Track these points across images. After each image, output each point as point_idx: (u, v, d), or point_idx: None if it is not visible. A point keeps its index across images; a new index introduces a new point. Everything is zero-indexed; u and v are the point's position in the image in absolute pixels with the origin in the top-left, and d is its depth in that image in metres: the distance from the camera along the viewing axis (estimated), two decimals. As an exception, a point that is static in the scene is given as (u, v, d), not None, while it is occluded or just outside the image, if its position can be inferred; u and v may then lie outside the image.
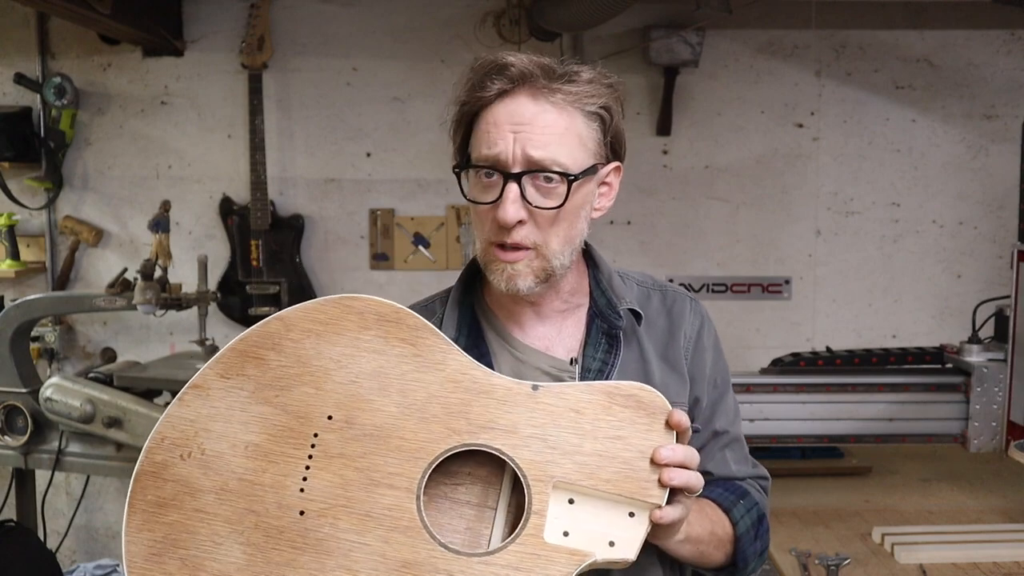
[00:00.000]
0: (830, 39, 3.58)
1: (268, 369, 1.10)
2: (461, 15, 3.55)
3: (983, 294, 3.01)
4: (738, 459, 1.43)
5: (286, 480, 1.06)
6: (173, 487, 1.06)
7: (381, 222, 3.64)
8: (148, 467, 1.07)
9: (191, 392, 1.10)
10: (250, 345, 1.11)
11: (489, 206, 1.24)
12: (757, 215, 3.65)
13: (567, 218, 1.25)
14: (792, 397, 2.66)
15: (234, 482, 1.05)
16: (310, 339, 1.11)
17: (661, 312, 1.40)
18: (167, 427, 1.08)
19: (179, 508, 1.05)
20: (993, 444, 2.61)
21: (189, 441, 1.07)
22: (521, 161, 1.21)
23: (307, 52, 3.58)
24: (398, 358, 1.11)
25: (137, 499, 1.06)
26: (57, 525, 3.48)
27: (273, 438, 1.07)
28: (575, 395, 1.12)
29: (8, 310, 2.97)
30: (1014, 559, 2.04)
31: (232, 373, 1.10)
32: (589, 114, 1.24)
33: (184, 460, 1.06)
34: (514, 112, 1.22)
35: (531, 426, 1.09)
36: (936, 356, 2.82)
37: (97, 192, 3.64)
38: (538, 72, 1.23)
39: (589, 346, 1.33)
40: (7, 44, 3.59)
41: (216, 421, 1.08)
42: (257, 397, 1.09)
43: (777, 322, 3.67)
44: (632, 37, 3.50)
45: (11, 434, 2.90)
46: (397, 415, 1.09)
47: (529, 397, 1.11)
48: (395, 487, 1.06)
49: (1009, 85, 3.59)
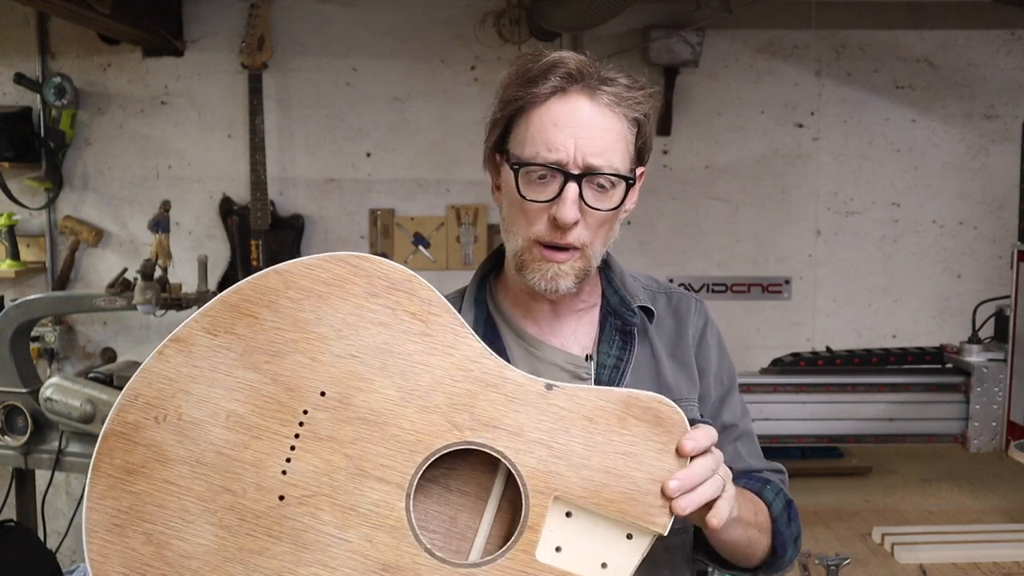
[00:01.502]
0: (830, 39, 3.58)
1: (261, 330, 0.99)
2: (461, 15, 3.55)
3: (983, 294, 3.01)
4: (751, 453, 1.43)
5: (268, 460, 0.97)
6: (144, 452, 0.95)
7: (381, 222, 3.64)
8: (118, 427, 0.96)
9: (172, 346, 0.99)
10: (243, 299, 1.00)
11: (543, 204, 1.23)
12: (757, 215, 3.65)
13: (612, 221, 1.29)
14: (792, 397, 2.66)
15: (211, 455, 0.96)
16: (310, 300, 1.00)
17: (668, 313, 1.42)
18: (142, 383, 0.98)
19: (148, 477, 0.95)
20: (993, 444, 2.61)
21: (166, 402, 0.97)
22: (582, 164, 1.22)
23: (307, 52, 3.58)
24: (405, 335, 1.01)
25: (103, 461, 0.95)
26: (57, 525, 3.48)
27: (258, 409, 0.97)
28: (590, 400, 1.02)
29: (8, 310, 2.97)
30: (1014, 559, 2.04)
31: (220, 330, 0.99)
32: (632, 119, 1.26)
33: (158, 424, 0.96)
34: (574, 112, 1.22)
35: (539, 430, 1.01)
36: (936, 356, 2.82)
37: (97, 192, 3.64)
38: (593, 71, 1.23)
39: (603, 343, 1.34)
40: (7, 44, 3.59)
41: (197, 383, 0.97)
42: (245, 361, 0.98)
43: (777, 322, 3.66)
44: (632, 37, 3.50)
45: (11, 434, 2.90)
46: (396, 400, 0.99)
47: (541, 396, 1.02)
48: (385, 481, 0.97)
49: (1009, 85, 3.59)
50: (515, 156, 1.25)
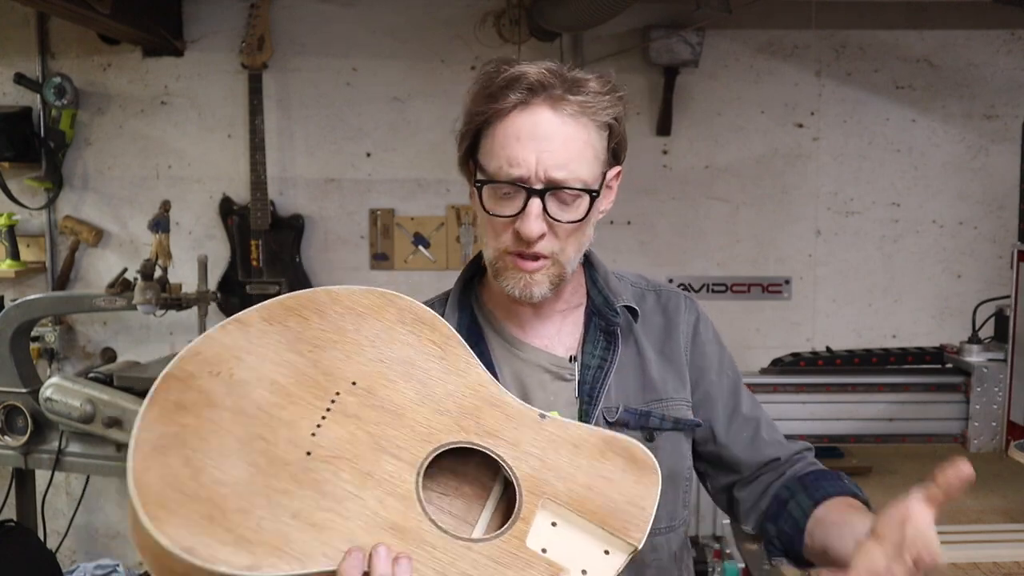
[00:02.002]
0: (830, 39, 3.58)
1: (308, 328, 1.14)
2: (461, 15, 3.55)
3: (983, 294, 3.01)
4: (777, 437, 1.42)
5: (301, 422, 1.08)
6: (195, 395, 1.06)
7: (381, 222, 3.64)
8: (176, 372, 1.08)
9: (233, 324, 1.13)
10: (297, 303, 1.16)
11: (508, 219, 1.24)
12: (757, 215, 3.65)
13: (582, 228, 1.28)
14: (792, 397, 2.67)
15: (253, 408, 1.07)
16: (351, 315, 1.17)
17: (656, 310, 1.42)
18: (203, 344, 1.10)
19: (196, 415, 1.05)
20: (993, 444, 2.61)
21: (221, 363, 1.09)
22: (544, 178, 1.21)
23: (307, 52, 3.59)
24: (426, 355, 1.17)
25: (159, 395, 1.06)
26: (57, 525, 3.48)
27: (298, 383, 1.10)
28: (577, 432, 1.16)
29: (8, 310, 2.97)
30: (1014, 559, 2.04)
31: (275, 320, 1.14)
32: (601, 124, 1.25)
33: (212, 377, 1.08)
34: (536, 125, 1.22)
35: (533, 446, 1.14)
36: (936, 356, 2.82)
37: (97, 192, 3.64)
38: (556, 81, 1.22)
39: (588, 343, 1.35)
40: (7, 44, 3.59)
41: (250, 354, 1.11)
42: (292, 347, 1.12)
43: (777, 322, 3.67)
44: (632, 37, 3.50)
45: (11, 434, 2.90)
46: (415, 400, 1.13)
47: (535, 422, 1.16)
48: (400, 458, 1.09)
49: (1009, 85, 3.59)
50: (481, 168, 1.26)
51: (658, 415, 1.35)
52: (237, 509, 1.00)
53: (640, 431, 1.34)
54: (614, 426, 1.32)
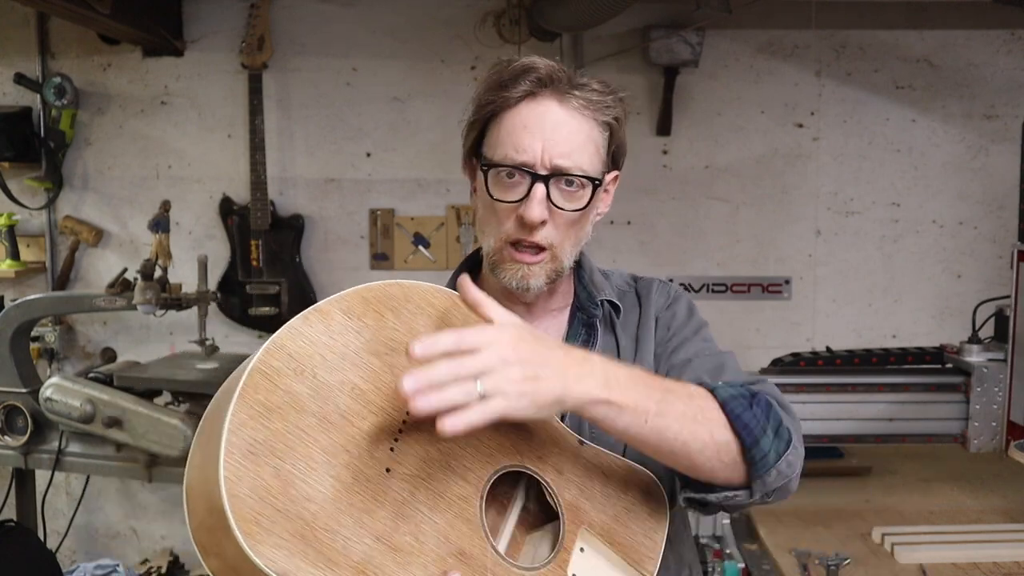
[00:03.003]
0: (830, 39, 3.58)
1: (384, 327, 1.11)
2: (461, 15, 3.55)
3: (983, 294, 3.01)
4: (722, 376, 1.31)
5: (381, 435, 1.07)
6: (282, 396, 1.02)
7: (381, 222, 3.64)
8: (263, 367, 1.03)
9: (315, 314, 1.08)
10: (374, 296, 1.12)
11: (512, 205, 1.28)
12: (757, 215, 3.65)
13: (581, 222, 1.32)
14: (792, 397, 2.65)
15: (336, 416, 1.05)
16: (423, 317, 1.14)
17: (634, 303, 1.45)
18: (287, 337, 1.05)
19: (284, 419, 1.02)
20: (993, 444, 2.61)
21: (305, 360, 1.05)
22: (549, 165, 1.26)
23: (307, 52, 3.58)
24: None
25: (248, 393, 1.01)
26: (57, 525, 3.48)
27: (377, 391, 1.08)
28: (608, 461, 1.24)
29: (8, 310, 2.97)
30: (1014, 559, 2.04)
31: (354, 315, 1.10)
32: (602, 123, 1.30)
33: (297, 375, 1.04)
34: (543, 115, 1.27)
35: (573, 473, 1.20)
36: (936, 356, 2.82)
37: (97, 192, 3.64)
38: (563, 76, 1.28)
39: (570, 338, 1.39)
40: (7, 44, 3.59)
41: (332, 351, 1.07)
42: (371, 348, 1.09)
43: (777, 322, 3.67)
44: (632, 37, 3.50)
45: (11, 434, 2.91)
46: None
47: (575, 448, 1.22)
48: (467, 481, 1.11)
49: (1009, 85, 3.59)
50: (486, 159, 1.30)
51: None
52: (325, 528, 0.99)
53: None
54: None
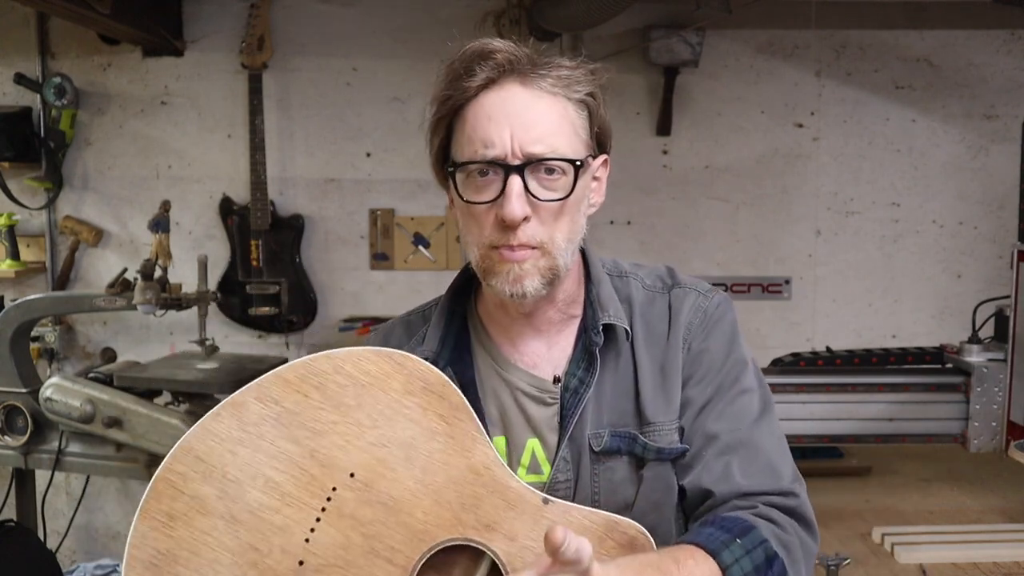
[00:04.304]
0: (830, 39, 3.58)
1: (307, 407, 1.09)
2: (461, 15, 3.55)
3: (983, 294, 3.01)
4: (749, 470, 1.18)
5: (295, 527, 1.06)
6: (187, 502, 1.04)
7: (381, 222, 3.64)
8: (168, 475, 1.05)
9: (228, 408, 1.08)
10: (296, 376, 1.10)
11: (488, 205, 1.15)
12: (757, 215, 3.65)
13: (570, 211, 1.18)
14: (792, 397, 2.66)
15: (246, 514, 1.05)
16: (354, 388, 1.10)
17: (663, 317, 1.28)
18: (196, 439, 1.07)
19: (188, 525, 1.04)
20: (993, 444, 2.61)
21: (214, 460, 1.06)
22: (521, 153, 1.13)
23: (307, 52, 3.58)
24: (431, 433, 1.11)
25: (151, 505, 1.05)
26: (57, 525, 3.48)
27: (294, 479, 1.07)
28: (579, 518, 1.13)
29: (8, 310, 2.97)
30: (1014, 559, 2.04)
31: (271, 401, 1.08)
32: (577, 102, 1.18)
33: (204, 479, 1.05)
34: (507, 101, 1.15)
35: (530, 538, 1.11)
36: (936, 356, 2.81)
37: (97, 192, 3.64)
38: (523, 57, 1.16)
39: (573, 363, 1.25)
40: (7, 44, 3.59)
41: (244, 446, 1.07)
42: (289, 434, 1.08)
43: (777, 322, 3.66)
44: (632, 37, 3.50)
45: (11, 434, 2.90)
46: (414, 491, 1.10)
47: (536, 509, 1.12)
48: (393, 563, 1.07)
49: (1009, 85, 3.59)
50: (453, 161, 1.18)
51: (642, 443, 1.22)
52: None
53: (629, 456, 1.23)
54: (602, 455, 1.22)
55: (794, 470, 1.24)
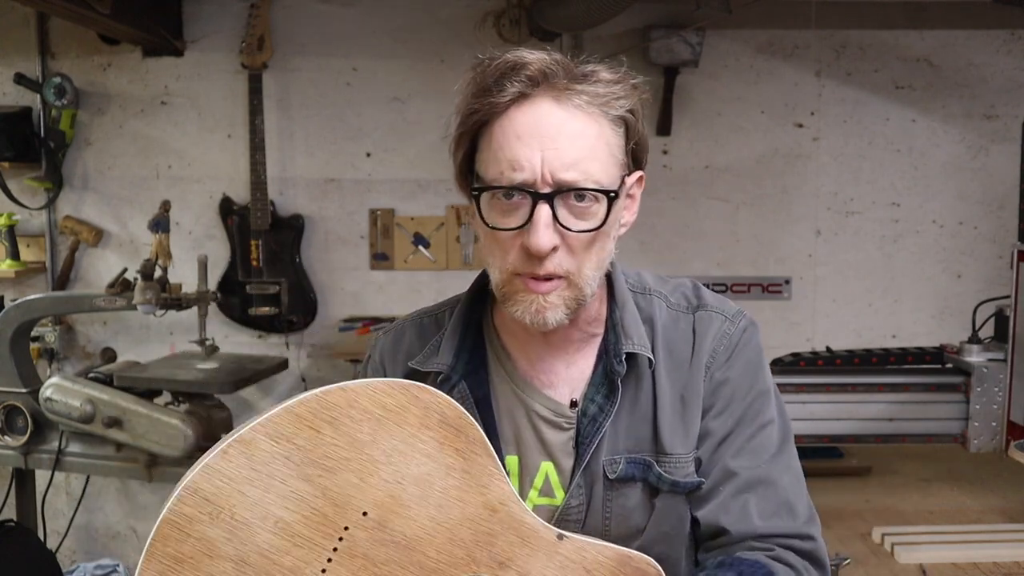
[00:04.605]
0: (830, 39, 3.58)
1: (320, 444, 1.05)
2: (461, 15, 3.55)
3: (983, 294, 3.01)
4: (766, 510, 1.17)
5: (305, 568, 1.04)
6: (194, 545, 1.01)
7: (381, 222, 3.64)
8: (174, 517, 1.02)
9: (236, 447, 1.04)
10: (309, 411, 1.05)
11: (514, 232, 1.08)
12: (757, 215, 3.65)
13: (601, 239, 1.11)
14: (792, 397, 2.66)
15: (255, 556, 1.02)
16: (369, 423, 1.06)
17: (687, 341, 1.24)
18: (203, 479, 1.03)
19: (196, 569, 1.01)
20: (993, 444, 2.61)
21: (222, 501, 1.02)
22: (552, 180, 1.06)
23: (307, 52, 3.58)
24: (447, 469, 1.09)
25: (157, 547, 1.01)
26: (57, 525, 3.48)
27: (304, 520, 1.04)
28: (592, 555, 1.12)
29: (8, 310, 2.97)
30: (1014, 559, 2.04)
31: (282, 438, 1.05)
32: (615, 119, 1.10)
33: (212, 520, 1.02)
34: (539, 120, 1.06)
35: (543, 574, 1.10)
36: (936, 356, 2.81)
37: (97, 192, 3.64)
38: (559, 70, 1.07)
39: (592, 387, 1.21)
40: (7, 44, 3.59)
41: (254, 486, 1.03)
42: (300, 472, 1.04)
43: (777, 322, 3.66)
44: (632, 37, 3.50)
45: (11, 434, 2.90)
46: (429, 528, 1.08)
47: (551, 544, 1.11)
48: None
49: (1009, 85, 3.59)
50: (480, 179, 1.11)
51: (656, 473, 1.20)
52: None
53: (643, 483, 1.21)
54: (616, 483, 1.20)
55: (809, 507, 1.23)
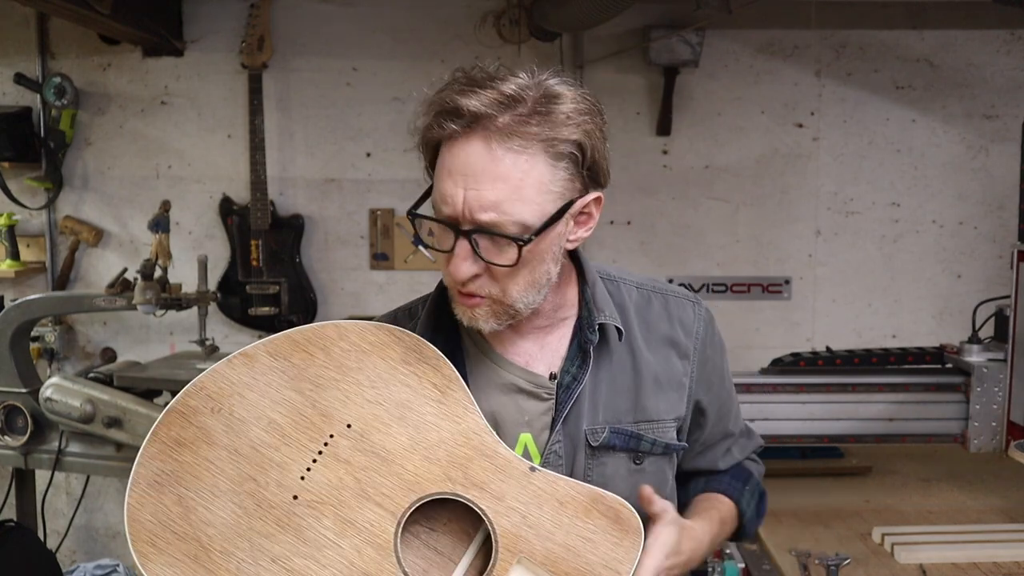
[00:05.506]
0: (830, 39, 3.58)
1: (312, 364, 1.18)
2: (461, 15, 3.55)
3: (983, 294, 3.01)
4: (743, 448, 1.50)
5: (292, 464, 1.13)
6: (195, 432, 1.13)
7: (381, 222, 3.64)
8: (180, 407, 1.14)
9: (240, 358, 1.18)
10: (304, 338, 1.19)
11: (446, 253, 1.19)
12: (757, 215, 3.65)
13: (526, 267, 1.18)
14: (792, 397, 2.66)
15: (247, 448, 1.13)
16: (356, 353, 1.19)
17: (663, 317, 1.35)
18: (209, 380, 1.16)
19: (193, 451, 1.12)
20: (993, 444, 2.61)
21: (223, 399, 1.15)
22: (470, 219, 1.14)
23: (307, 52, 3.58)
24: (424, 398, 1.18)
25: (160, 430, 1.13)
26: (57, 525, 3.48)
27: (294, 424, 1.15)
28: (565, 488, 1.17)
29: (8, 310, 2.97)
30: (1014, 559, 2.04)
31: (280, 356, 1.18)
32: (556, 154, 1.14)
33: (212, 413, 1.14)
34: (467, 160, 1.14)
35: (517, 500, 1.15)
36: (936, 356, 2.82)
37: (97, 192, 3.64)
38: (496, 111, 1.12)
39: (567, 360, 1.29)
40: (7, 44, 3.59)
41: (252, 391, 1.16)
42: (294, 385, 1.17)
43: (777, 322, 3.66)
44: (632, 37, 3.50)
45: (11, 434, 2.90)
46: (406, 446, 1.16)
47: (524, 475, 1.17)
48: (383, 507, 1.13)
49: (1009, 85, 3.59)
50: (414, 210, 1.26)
51: (649, 439, 1.31)
52: (220, 551, 1.08)
53: (628, 453, 1.30)
54: (598, 451, 1.28)
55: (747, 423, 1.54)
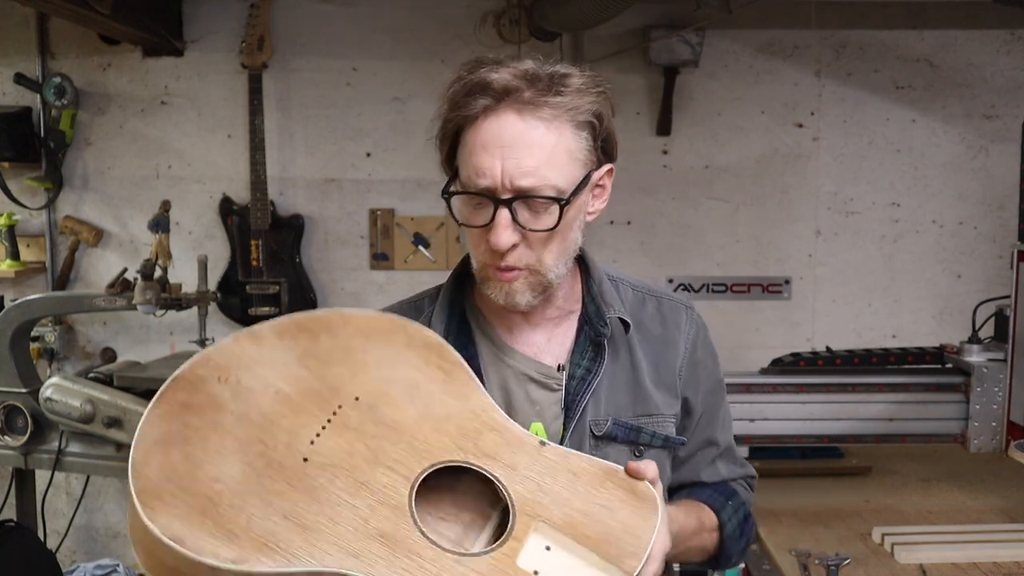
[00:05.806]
0: (830, 39, 3.58)
1: (318, 345, 1.18)
2: (461, 15, 3.55)
3: (983, 294, 3.01)
4: (730, 466, 1.49)
5: (301, 430, 1.12)
6: (202, 398, 1.11)
7: (381, 222, 3.64)
8: (187, 375, 1.13)
9: (246, 335, 1.18)
10: (309, 322, 1.20)
11: (481, 229, 1.23)
12: (757, 215, 3.65)
13: (560, 234, 1.24)
14: (792, 397, 2.66)
15: (256, 415, 1.11)
16: (361, 337, 1.20)
17: (656, 319, 1.40)
18: (215, 352, 1.16)
19: (200, 415, 1.10)
20: (993, 444, 2.61)
21: (230, 369, 1.14)
22: (511, 187, 1.19)
23: (307, 52, 3.58)
24: (430, 379, 1.19)
25: (167, 395, 1.11)
26: (57, 525, 3.48)
27: (302, 394, 1.14)
28: (577, 462, 1.17)
29: (8, 310, 2.97)
30: (1014, 559, 2.05)
31: (286, 335, 1.18)
32: (579, 124, 1.22)
33: (220, 382, 1.12)
34: (501, 132, 1.19)
35: (530, 470, 1.15)
36: (936, 356, 2.82)
37: (97, 192, 3.64)
38: (522, 85, 1.19)
39: (576, 353, 1.33)
40: (7, 44, 3.59)
41: (259, 364, 1.15)
42: (300, 361, 1.16)
43: (777, 322, 3.66)
44: (632, 37, 3.50)
45: (11, 434, 2.90)
46: (416, 419, 1.15)
47: (535, 448, 1.17)
48: (395, 471, 1.11)
49: (1009, 85, 3.59)
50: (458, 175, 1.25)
51: (649, 432, 1.35)
52: (230, 505, 1.04)
53: (628, 446, 1.34)
54: (601, 440, 1.32)
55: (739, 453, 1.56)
